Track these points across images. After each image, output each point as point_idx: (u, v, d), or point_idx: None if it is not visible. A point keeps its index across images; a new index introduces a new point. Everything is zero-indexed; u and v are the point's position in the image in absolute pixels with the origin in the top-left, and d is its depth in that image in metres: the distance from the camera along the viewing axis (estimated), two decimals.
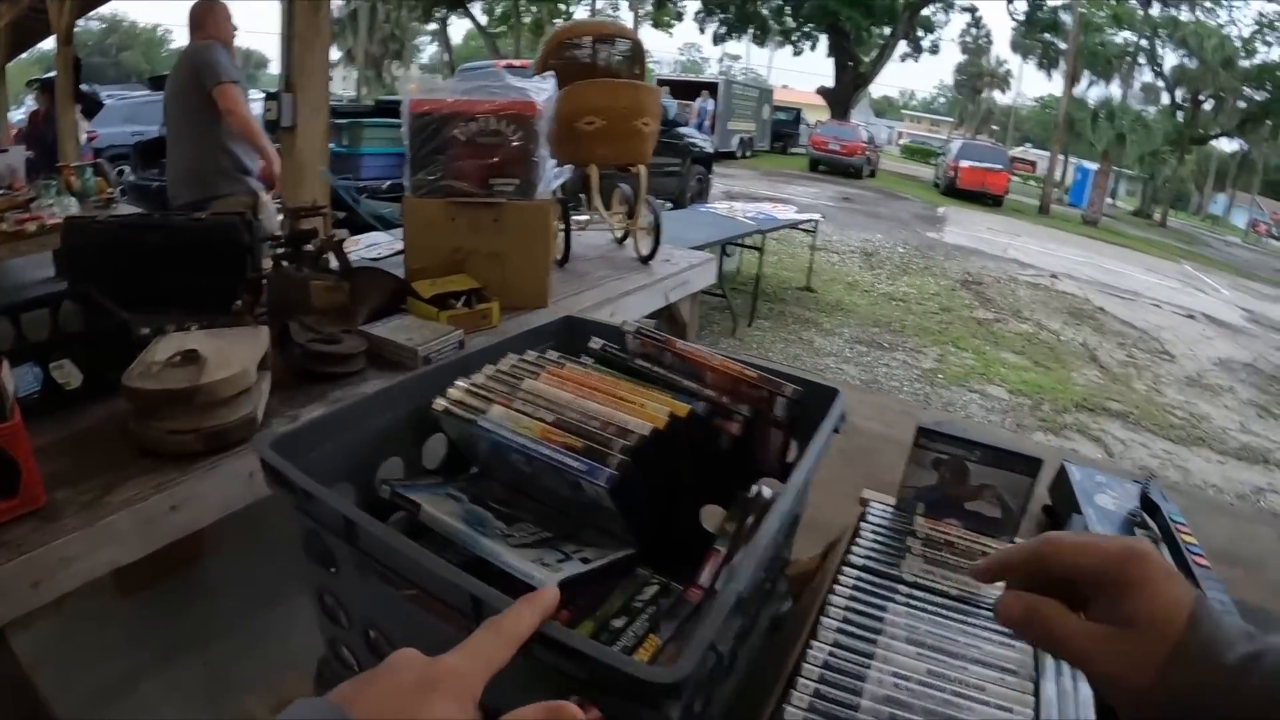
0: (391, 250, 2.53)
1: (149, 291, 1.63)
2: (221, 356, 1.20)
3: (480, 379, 0.84)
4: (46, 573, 0.98)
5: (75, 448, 1.17)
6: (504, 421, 0.77)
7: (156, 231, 1.68)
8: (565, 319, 1.03)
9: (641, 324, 0.97)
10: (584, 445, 0.73)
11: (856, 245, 10.86)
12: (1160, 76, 26.31)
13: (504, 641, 0.47)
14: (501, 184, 1.88)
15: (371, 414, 0.78)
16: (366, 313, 1.70)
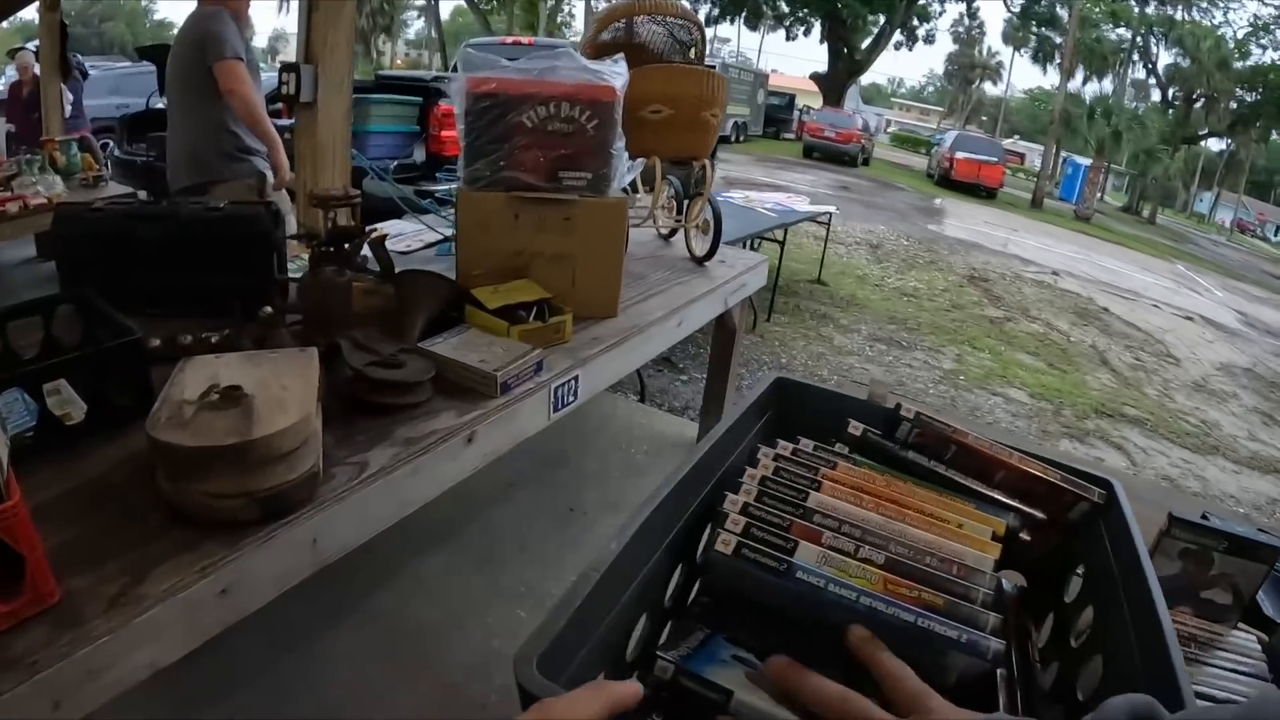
0: (421, 242, 2.27)
1: (154, 293, 1.38)
2: (272, 394, 0.94)
3: (748, 497, 0.67)
4: (69, 690, 0.74)
5: (87, 509, 0.91)
6: (822, 569, 0.59)
7: (164, 222, 1.41)
8: (777, 382, 0.79)
9: (902, 397, 0.75)
10: (945, 602, 0.57)
11: (861, 237, 10.70)
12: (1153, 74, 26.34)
13: None
14: (572, 178, 1.63)
15: (623, 573, 0.62)
16: (421, 325, 1.45)
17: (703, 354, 4.89)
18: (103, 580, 0.80)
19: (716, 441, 0.70)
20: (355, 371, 1.18)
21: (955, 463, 0.75)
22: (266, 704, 1.45)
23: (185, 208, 1.46)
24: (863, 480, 0.71)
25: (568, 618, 0.51)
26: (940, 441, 0.75)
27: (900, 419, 0.75)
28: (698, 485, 0.70)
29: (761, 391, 0.80)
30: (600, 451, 2.54)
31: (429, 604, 1.75)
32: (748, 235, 4.94)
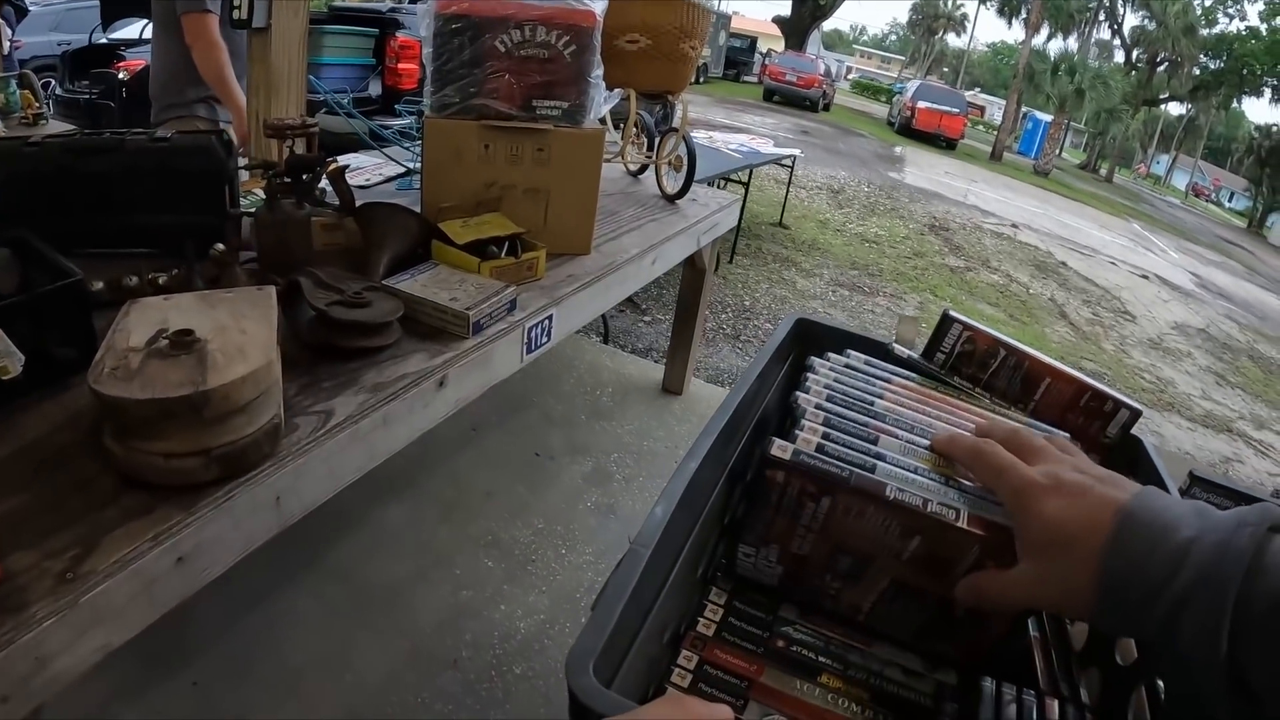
0: (381, 176, 2.16)
1: (98, 232, 1.26)
2: (228, 338, 0.84)
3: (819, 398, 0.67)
4: (17, 683, 0.65)
5: (29, 475, 0.80)
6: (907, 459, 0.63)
7: (108, 155, 1.28)
8: (798, 324, 0.73)
9: (953, 313, 0.71)
10: None
11: (823, 182, 10.65)
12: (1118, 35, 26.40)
13: None
14: (547, 107, 1.53)
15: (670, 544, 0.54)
16: (386, 262, 1.36)
17: (665, 295, 4.82)
18: (48, 555, 0.71)
19: (746, 392, 0.64)
20: (317, 312, 1.08)
21: (1000, 375, 0.76)
22: (229, 669, 1.39)
23: (129, 139, 1.33)
24: (921, 393, 0.72)
25: (622, 605, 0.44)
26: (990, 347, 0.75)
27: (952, 321, 0.76)
28: (731, 439, 0.64)
29: (783, 337, 0.73)
30: (565, 394, 2.47)
31: (394, 558, 1.68)
32: (713, 176, 4.85)
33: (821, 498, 0.60)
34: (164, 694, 1.32)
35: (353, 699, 1.38)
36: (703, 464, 0.55)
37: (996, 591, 0.54)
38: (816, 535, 0.62)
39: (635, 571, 0.46)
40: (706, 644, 0.63)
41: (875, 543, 0.61)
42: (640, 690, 0.53)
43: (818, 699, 0.60)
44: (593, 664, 0.39)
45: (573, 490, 2.02)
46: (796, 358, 0.77)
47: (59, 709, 1.21)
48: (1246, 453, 5.42)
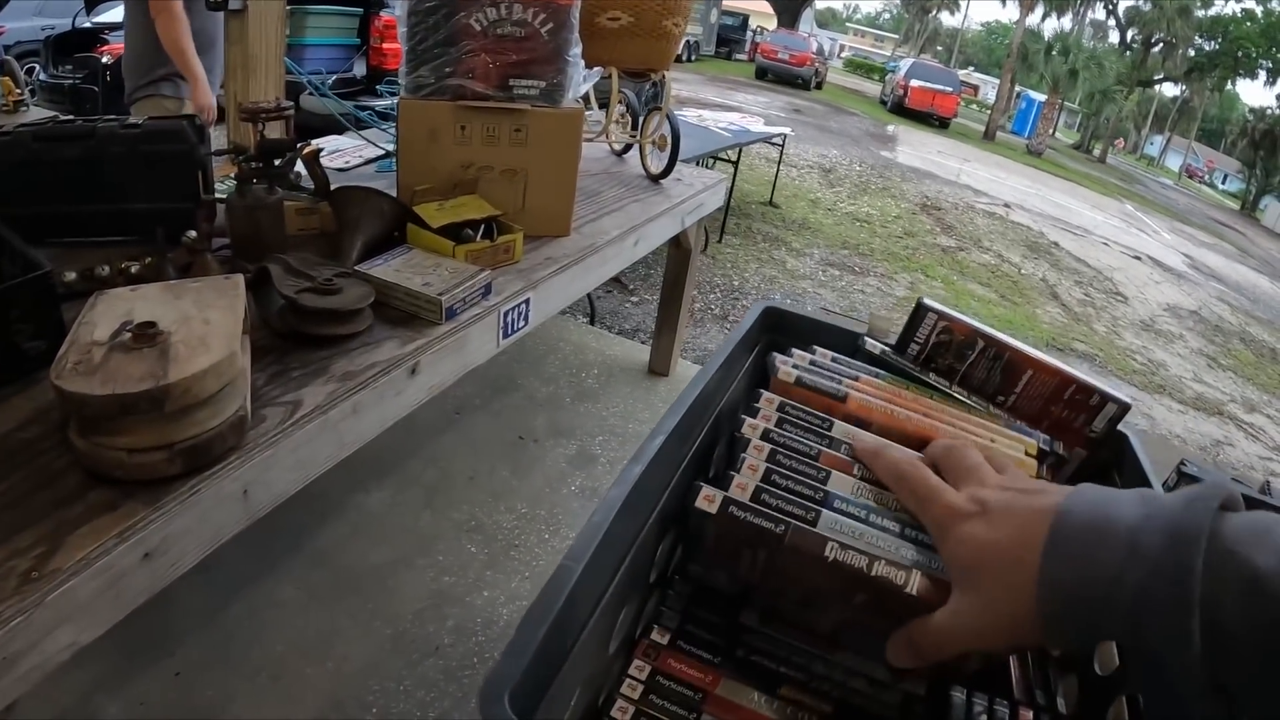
0: (360, 158, 2.13)
1: (70, 219, 1.25)
2: (191, 329, 0.83)
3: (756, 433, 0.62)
4: None
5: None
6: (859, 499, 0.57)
7: (80, 143, 1.26)
8: (766, 312, 0.71)
9: (928, 301, 0.69)
10: None
11: (814, 161, 10.59)
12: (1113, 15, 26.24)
13: None
14: (524, 86, 1.50)
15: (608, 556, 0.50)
16: (360, 246, 1.34)
17: (653, 275, 4.80)
18: (14, 554, 0.70)
19: (705, 386, 0.61)
20: (287, 299, 1.06)
21: (978, 367, 0.71)
22: (211, 657, 1.39)
23: (101, 126, 1.31)
24: (890, 394, 0.68)
25: (545, 628, 0.40)
26: (968, 337, 0.71)
27: (926, 311, 0.71)
28: (688, 436, 0.62)
29: (749, 325, 0.71)
30: (550, 376, 2.46)
31: (376, 543, 1.67)
32: (702, 154, 4.81)
33: (757, 549, 0.55)
34: (146, 684, 1.32)
35: (334, 686, 1.37)
36: (651, 465, 0.52)
37: (932, 641, 0.48)
38: (761, 573, 0.58)
39: (563, 590, 0.42)
40: (660, 653, 0.59)
41: (822, 592, 0.56)
42: (580, 710, 0.51)
43: (774, 712, 0.58)
44: (508, 695, 0.36)
45: (556, 474, 2.01)
46: (764, 347, 0.75)
47: (40, 702, 1.22)
48: (1237, 436, 5.44)
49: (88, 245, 1.21)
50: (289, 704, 1.33)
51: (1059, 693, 0.61)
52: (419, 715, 1.35)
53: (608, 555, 0.46)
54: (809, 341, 0.71)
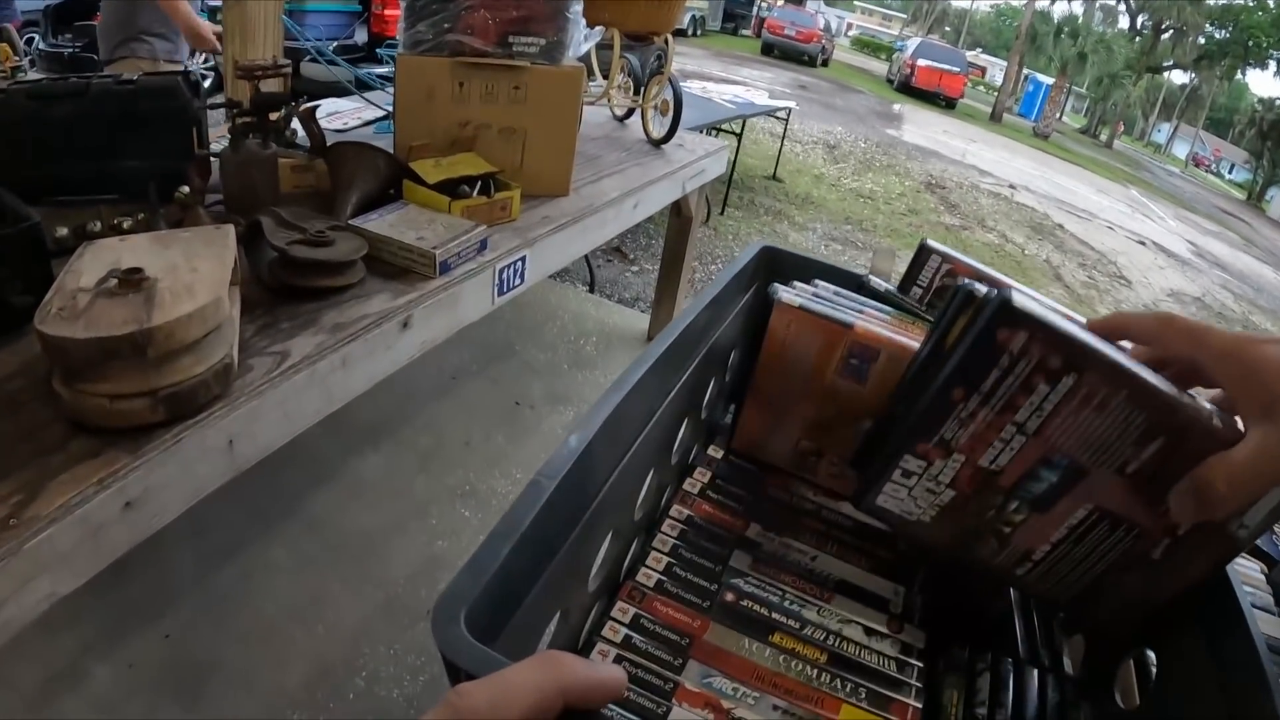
0: (360, 120, 2.10)
1: (64, 178, 1.21)
2: (178, 277, 0.81)
3: None
4: None
5: None
6: None
7: (72, 100, 1.23)
8: (763, 252, 0.68)
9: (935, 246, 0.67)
10: None
11: (819, 136, 10.52)
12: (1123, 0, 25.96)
13: None
14: (524, 44, 1.47)
15: (584, 480, 0.47)
16: (354, 202, 1.31)
17: (654, 245, 4.77)
18: None
19: (695, 319, 0.59)
20: (278, 251, 1.04)
21: None
22: (203, 618, 1.37)
23: (94, 83, 1.28)
24: (897, 325, 0.65)
25: (510, 545, 0.38)
26: (971, 279, 0.67)
27: (930, 252, 0.69)
28: (676, 369, 0.59)
29: (746, 262, 0.69)
30: (548, 343, 2.44)
31: (370, 508, 1.66)
32: (705, 125, 4.77)
33: (1063, 376, 0.47)
34: (136, 646, 1.30)
35: (324, 649, 1.36)
36: (631, 394, 0.48)
37: (1229, 479, 0.43)
38: (1028, 441, 0.50)
39: (534, 505, 0.40)
40: (645, 595, 0.58)
41: (1102, 446, 0.48)
42: (559, 646, 0.49)
43: (768, 660, 0.55)
44: (465, 612, 0.34)
45: (552, 440, 1.99)
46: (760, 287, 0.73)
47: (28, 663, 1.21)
48: None
49: (81, 203, 1.19)
50: (278, 666, 1.32)
51: (1065, 653, 0.60)
52: (409, 679, 1.34)
53: (584, 478, 0.44)
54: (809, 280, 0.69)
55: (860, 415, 0.65)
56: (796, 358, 0.63)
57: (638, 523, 0.61)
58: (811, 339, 0.63)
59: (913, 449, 0.52)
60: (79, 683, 1.22)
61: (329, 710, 1.26)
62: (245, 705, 1.25)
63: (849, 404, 0.65)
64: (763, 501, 0.73)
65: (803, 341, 0.63)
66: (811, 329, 0.63)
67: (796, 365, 0.64)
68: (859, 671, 0.56)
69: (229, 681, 1.28)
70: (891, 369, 0.63)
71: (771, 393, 0.66)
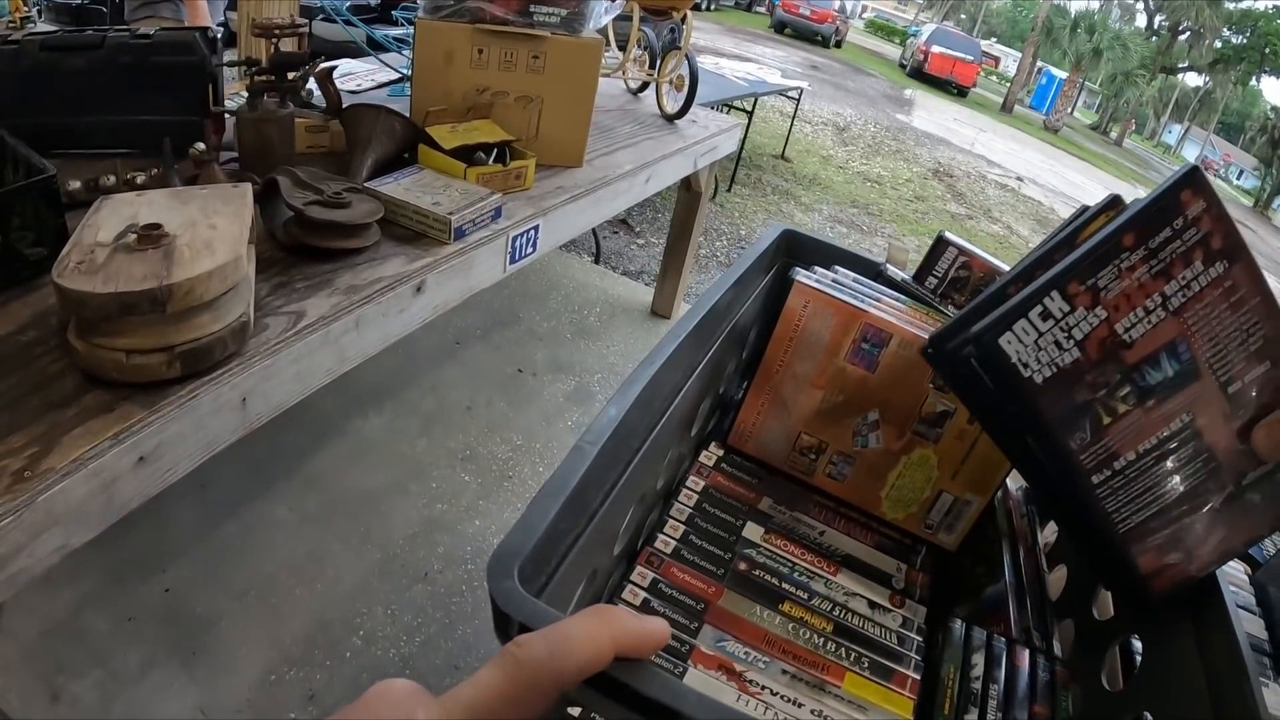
0: (374, 82, 2.09)
1: (77, 130, 1.21)
2: (195, 233, 0.81)
3: None
4: None
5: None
6: None
7: (88, 52, 1.22)
8: (784, 235, 0.69)
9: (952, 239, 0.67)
10: None
11: (828, 118, 10.45)
12: None
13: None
14: (545, 13, 1.47)
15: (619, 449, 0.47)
16: (370, 164, 1.31)
17: (660, 219, 4.76)
18: (6, 453, 0.68)
19: (721, 297, 0.60)
20: (294, 211, 1.04)
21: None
22: (203, 575, 1.39)
23: (110, 36, 1.27)
24: (910, 314, 0.66)
25: (559, 504, 0.39)
26: (986, 275, 0.69)
27: (946, 245, 0.70)
28: (702, 345, 0.60)
29: (767, 244, 0.69)
30: (552, 312, 2.44)
31: (371, 468, 1.67)
32: (717, 101, 4.74)
33: (1218, 261, 0.49)
34: (135, 600, 1.31)
35: (322, 607, 1.38)
36: (664, 368, 0.50)
37: None
38: (1166, 317, 0.50)
39: (578, 470, 0.41)
40: (664, 561, 0.59)
41: (1223, 348, 0.49)
42: (584, 604, 0.50)
43: (778, 628, 0.57)
44: (518, 567, 0.35)
45: (553, 408, 2.00)
46: (780, 270, 0.74)
47: (28, 615, 1.22)
48: None
49: (94, 157, 1.18)
50: (276, 623, 1.34)
51: (1056, 635, 0.61)
52: (405, 639, 1.36)
53: (620, 446, 0.45)
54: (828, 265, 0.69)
55: (866, 405, 0.65)
56: (810, 337, 0.64)
57: (659, 491, 0.63)
58: (826, 319, 0.64)
59: (1064, 287, 0.50)
60: (79, 634, 1.23)
61: (325, 668, 1.28)
62: (243, 660, 1.26)
63: (856, 392, 0.65)
64: (774, 475, 0.74)
65: (818, 321, 0.64)
66: (827, 309, 0.63)
67: (809, 345, 0.64)
68: (862, 643, 0.59)
69: (227, 636, 1.29)
70: (901, 356, 0.63)
71: (780, 375, 0.67)
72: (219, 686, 1.21)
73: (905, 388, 0.64)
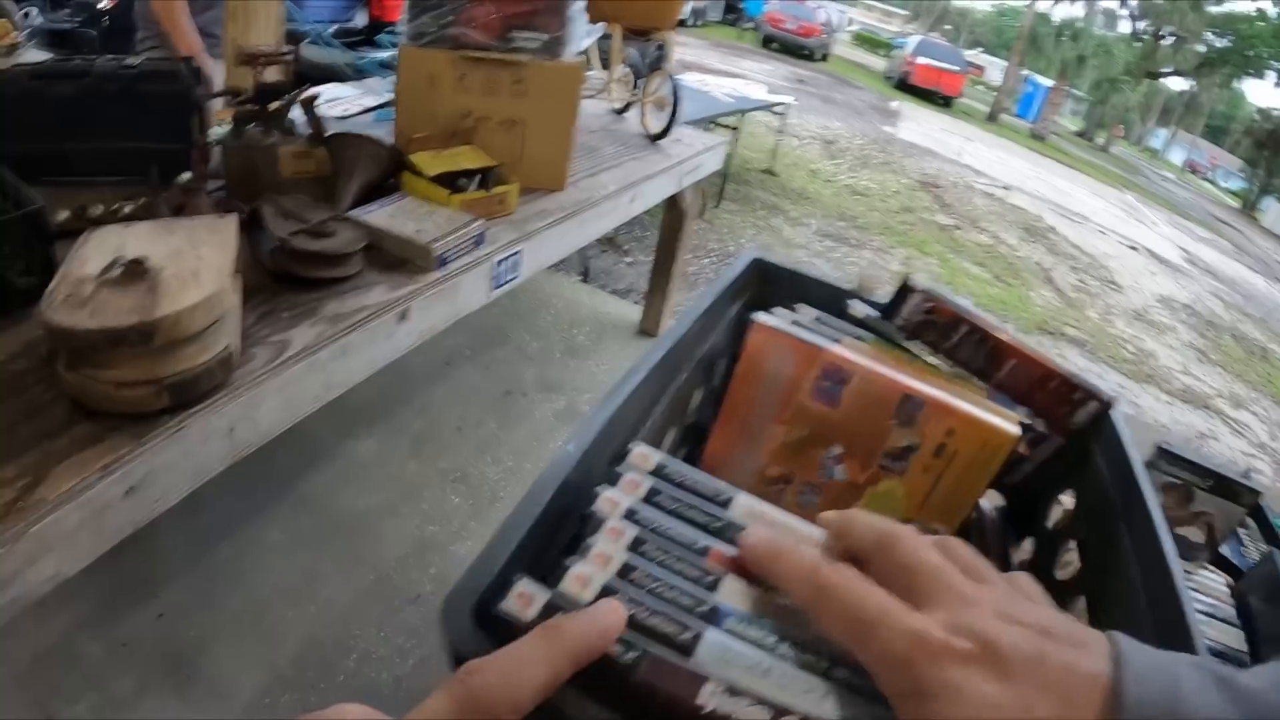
0: (360, 107, 2.11)
1: (65, 158, 1.23)
2: (182, 265, 0.83)
3: (617, 510, 0.45)
4: None
5: None
6: None
7: (75, 81, 1.24)
8: (755, 264, 0.71)
9: (913, 281, 0.67)
10: None
11: (816, 132, 10.51)
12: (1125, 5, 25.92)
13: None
14: (525, 38, 1.49)
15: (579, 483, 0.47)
16: (354, 192, 1.33)
17: (649, 236, 4.78)
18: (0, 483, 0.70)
19: (689, 328, 0.61)
20: (279, 241, 1.06)
21: (962, 348, 0.69)
22: (196, 597, 1.40)
23: (97, 65, 1.29)
24: (872, 354, 0.66)
25: (512, 549, 0.39)
26: (951, 320, 0.68)
27: (910, 290, 0.68)
28: (667, 378, 0.62)
29: (737, 273, 0.70)
30: (541, 331, 2.46)
31: (362, 490, 1.68)
32: (703, 118, 4.78)
33: (594, 684, 0.34)
34: (129, 625, 1.32)
35: (315, 629, 1.39)
36: (626, 403, 0.49)
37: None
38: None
39: (535, 509, 0.42)
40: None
41: None
42: None
43: None
44: (474, 605, 0.35)
45: (543, 428, 2.02)
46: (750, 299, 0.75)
47: (22, 640, 1.23)
48: (1222, 430, 5.47)
49: (82, 185, 1.20)
50: (270, 646, 1.35)
51: None
52: (398, 660, 1.37)
53: (581, 483, 0.46)
54: (797, 297, 0.70)
55: (830, 440, 0.67)
56: (771, 375, 0.65)
57: None
58: (786, 358, 0.65)
59: None
60: (72, 659, 1.24)
61: (319, 690, 1.29)
62: (236, 684, 1.27)
63: (819, 428, 0.67)
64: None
65: (777, 359, 0.65)
66: (787, 347, 0.65)
67: (771, 382, 0.65)
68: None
69: (220, 660, 1.30)
70: (863, 394, 0.65)
71: (745, 410, 0.68)
72: (212, 710, 1.22)
73: (868, 424, 0.65)
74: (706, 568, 0.40)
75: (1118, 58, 24.38)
